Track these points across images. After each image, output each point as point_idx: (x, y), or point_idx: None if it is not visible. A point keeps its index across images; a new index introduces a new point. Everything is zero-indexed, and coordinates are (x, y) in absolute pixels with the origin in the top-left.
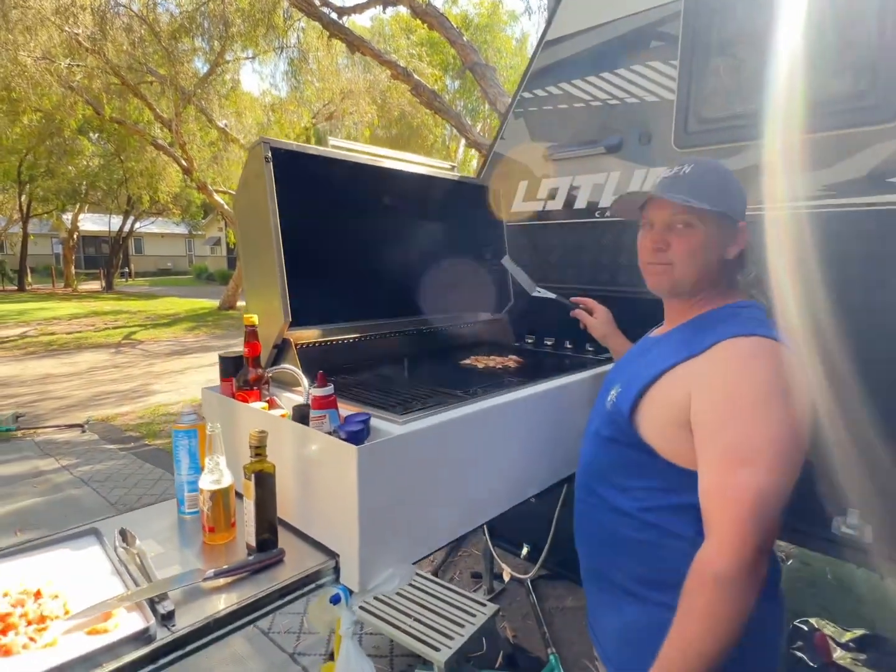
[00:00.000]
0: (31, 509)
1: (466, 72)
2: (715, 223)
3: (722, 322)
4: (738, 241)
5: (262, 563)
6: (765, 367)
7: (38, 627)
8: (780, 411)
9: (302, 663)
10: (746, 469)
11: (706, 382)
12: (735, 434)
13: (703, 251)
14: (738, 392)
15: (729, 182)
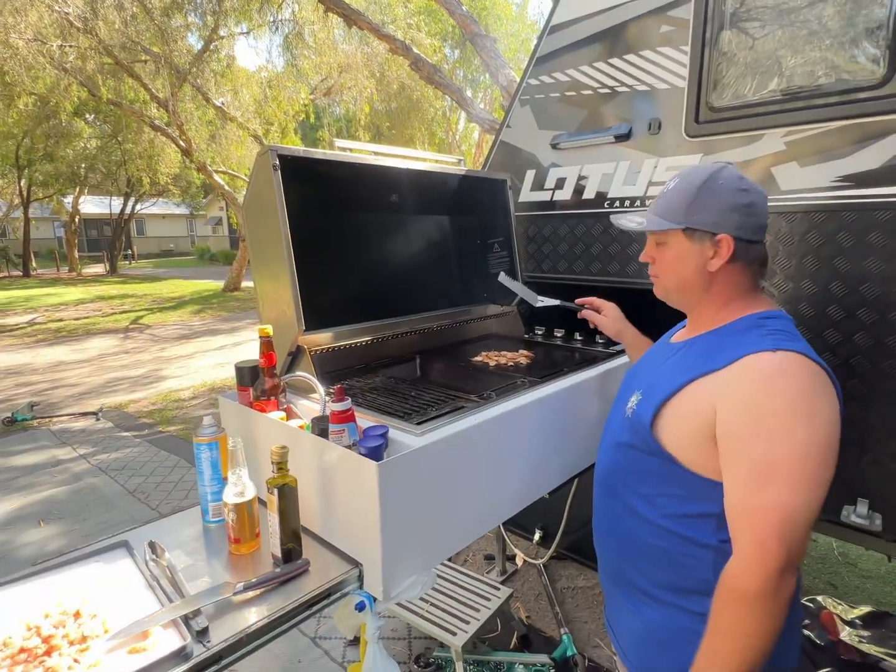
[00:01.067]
0: (53, 499)
1: (466, 42)
2: (682, 238)
3: (744, 334)
4: (719, 253)
5: (290, 575)
6: (791, 383)
7: (81, 648)
8: (806, 428)
9: (323, 647)
10: (772, 487)
11: (732, 397)
12: (761, 451)
13: (676, 266)
14: (764, 409)
15: (705, 193)
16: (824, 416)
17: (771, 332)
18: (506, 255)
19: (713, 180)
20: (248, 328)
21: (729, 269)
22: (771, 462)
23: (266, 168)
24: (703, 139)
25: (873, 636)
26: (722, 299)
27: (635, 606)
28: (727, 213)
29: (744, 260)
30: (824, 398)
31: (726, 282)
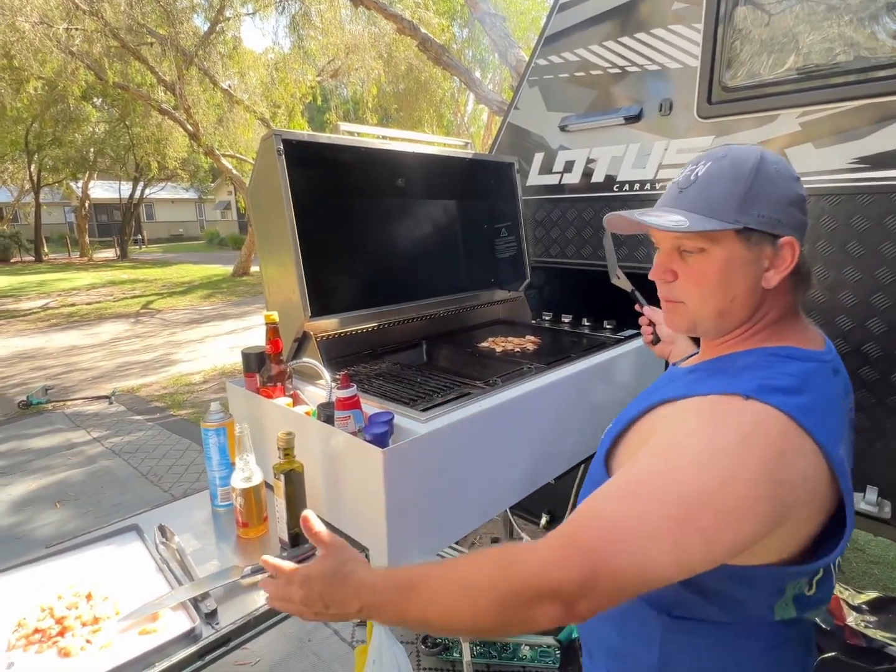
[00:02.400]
0: (68, 481)
1: (475, 21)
2: (737, 243)
3: (733, 373)
4: (781, 263)
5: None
6: (736, 434)
7: (93, 629)
8: (717, 487)
9: (333, 627)
10: (625, 506)
11: (668, 423)
12: (645, 474)
13: (720, 282)
14: (683, 446)
15: (761, 181)
16: (753, 490)
17: (768, 377)
18: (513, 240)
19: (764, 163)
20: (258, 313)
21: (783, 285)
22: (647, 489)
23: (270, 153)
24: (716, 120)
25: (880, 621)
26: (760, 325)
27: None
28: (787, 207)
29: (799, 273)
30: (775, 476)
31: (775, 303)
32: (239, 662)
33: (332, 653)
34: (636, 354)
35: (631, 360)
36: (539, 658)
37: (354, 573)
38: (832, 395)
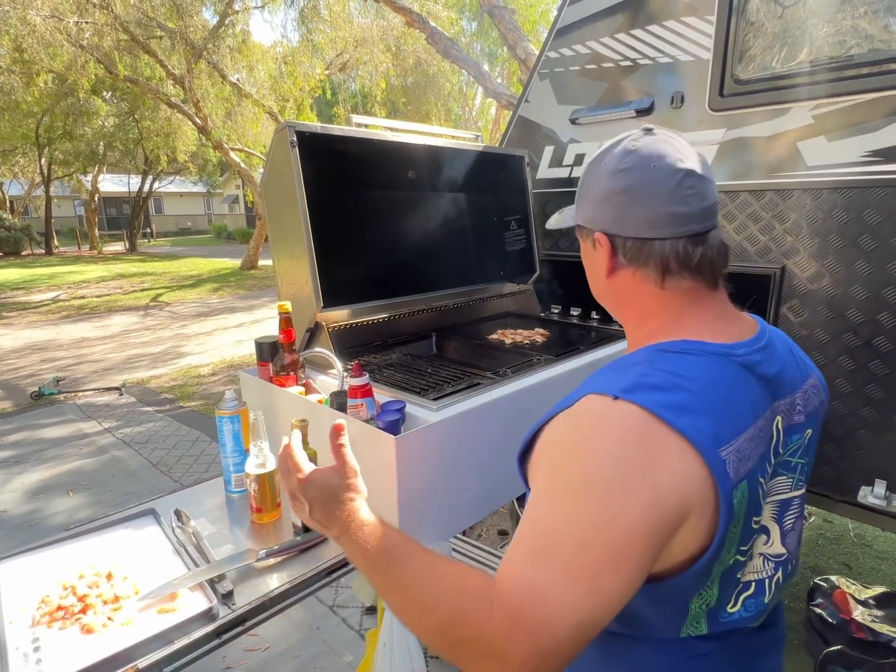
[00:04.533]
0: (81, 470)
1: (484, 13)
2: (581, 238)
3: (627, 369)
4: (602, 257)
5: (310, 543)
6: (604, 444)
7: (114, 607)
8: (603, 513)
9: (341, 615)
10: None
11: (551, 442)
12: (541, 518)
13: (587, 271)
14: (561, 470)
15: (589, 177)
16: (636, 503)
17: (646, 373)
18: (523, 233)
19: (599, 160)
20: (266, 306)
21: (626, 276)
22: (549, 539)
23: (284, 144)
24: (728, 113)
25: (886, 616)
26: (635, 315)
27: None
28: (601, 202)
29: (636, 263)
30: (650, 480)
31: (629, 292)
32: (249, 648)
33: (340, 640)
34: None
35: None
36: None
37: (350, 504)
38: (725, 392)
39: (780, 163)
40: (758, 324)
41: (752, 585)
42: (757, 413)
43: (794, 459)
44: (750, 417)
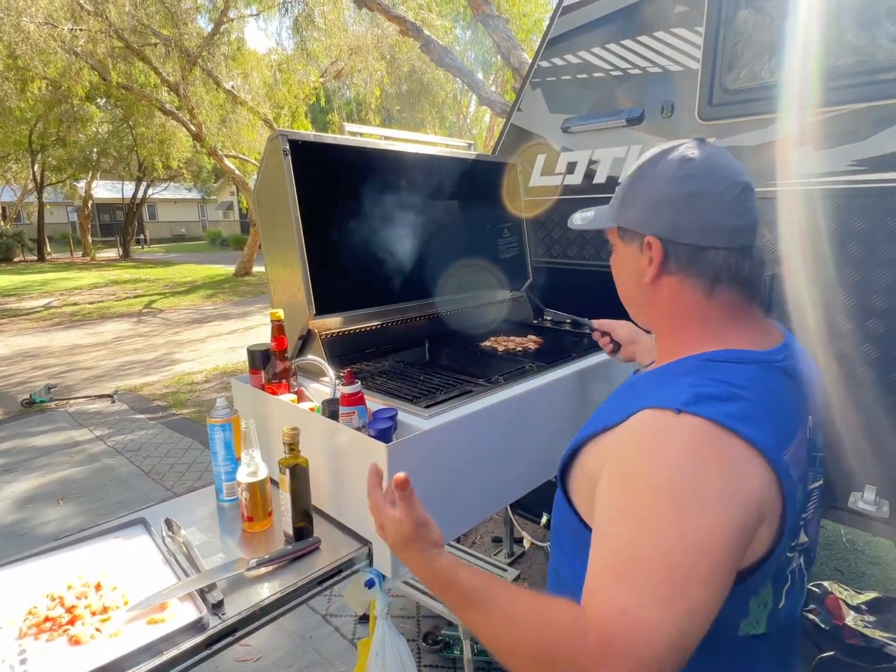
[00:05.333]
0: (71, 479)
1: (478, 22)
2: (619, 241)
3: (676, 380)
4: (648, 261)
5: (301, 552)
6: (679, 461)
7: (102, 618)
8: (692, 528)
9: (334, 624)
10: (633, 594)
11: (614, 461)
12: (623, 542)
13: (617, 274)
14: (637, 490)
15: (638, 182)
16: (721, 512)
17: (700, 384)
18: (515, 240)
19: (652, 164)
20: (260, 313)
21: (672, 283)
22: (635, 562)
23: (276, 153)
24: (717, 122)
25: (879, 621)
26: (671, 323)
27: None
28: (656, 207)
29: (687, 270)
30: (729, 487)
31: (672, 299)
32: (241, 659)
33: (333, 649)
34: None
35: None
36: None
37: (421, 554)
38: (776, 397)
39: (769, 171)
40: (781, 329)
41: (789, 578)
42: (801, 415)
43: (816, 453)
44: (796, 420)
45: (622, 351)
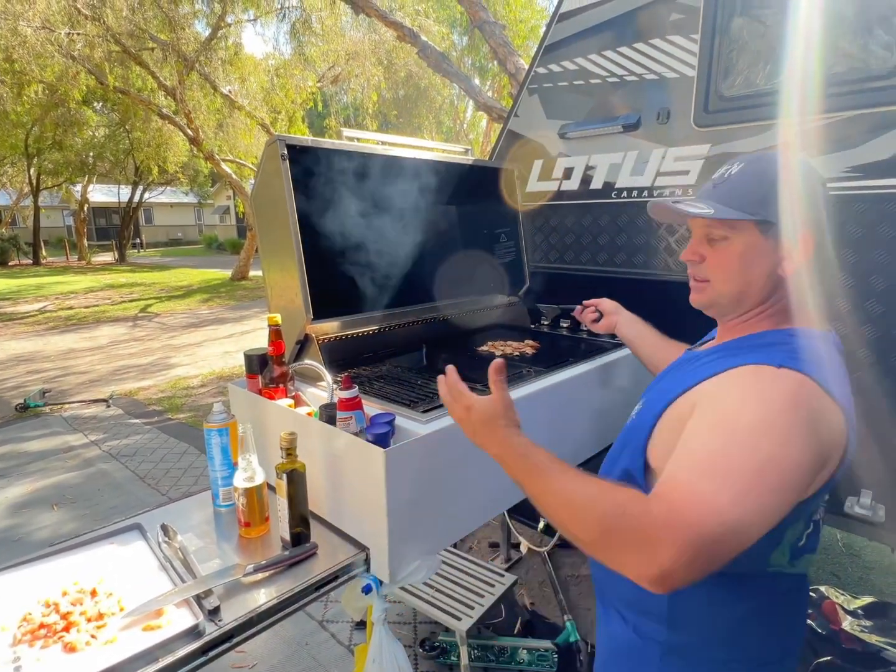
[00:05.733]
0: (66, 483)
1: (475, 29)
2: (755, 233)
3: (762, 348)
4: (799, 253)
5: (298, 558)
6: (779, 401)
7: (98, 625)
8: (775, 450)
9: (330, 630)
10: (712, 483)
11: (711, 397)
12: (715, 448)
13: (741, 266)
14: (737, 415)
15: (780, 185)
16: (800, 450)
17: (789, 350)
18: (512, 246)
19: (787, 165)
20: (256, 317)
21: (799, 276)
22: (718, 458)
23: (274, 158)
24: (713, 129)
25: (875, 626)
26: (774, 308)
27: (607, 619)
28: (807, 203)
29: (816, 264)
30: (810, 433)
31: (791, 290)
32: (236, 665)
33: (329, 655)
34: (633, 359)
35: (628, 364)
36: (537, 662)
37: (505, 429)
38: (839, 367)
39: None
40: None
41: (812, 525)
42: (849, 385)
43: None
44: (849, 388)
45: (604, 320)
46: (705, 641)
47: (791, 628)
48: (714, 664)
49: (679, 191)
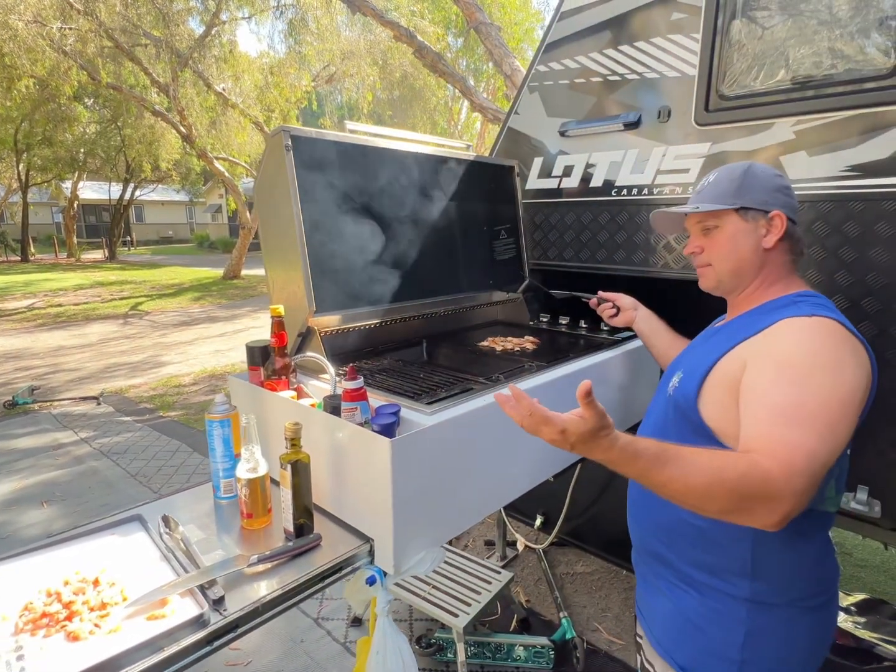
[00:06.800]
0: (55, 481)
1: (470, 30)
2: (737, 219)
3: (782, 309)
4: (773, 229)
5: (302, 549)
6: (820, 339)
7: (101, 614)
8: (832, 379)
9: (326, 627)
10: (796, 429)
11: (760, 352)
12: (787, 397)
13: (732, 246)
14: (791, 360)
15: (749, 177)
16: (851, 374)
17: (809, 304)
18: (512, 243)
19: (752, 167)
20: (248, 316)
21: (779, 247)
22: (795, 406)
23: (279, 148)
24: (713, 127)
25: (868, 622)
26: (770, 279)
27: (669, 589)
28: (773, 192)
29: (790, 238)
30: (854, 360)
31: (776, 260)
32: (231, 663)
33: (325, 653)
34: (633, 355)
35: (628, 360)
36: (533, 658)
37: (605, 439)
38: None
39: None
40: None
41: (838, 468)
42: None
43: None
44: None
45: (621, 315)
46: (786, 585)
47: (835, 563)
48: (793, 608)
49: (679, 189)
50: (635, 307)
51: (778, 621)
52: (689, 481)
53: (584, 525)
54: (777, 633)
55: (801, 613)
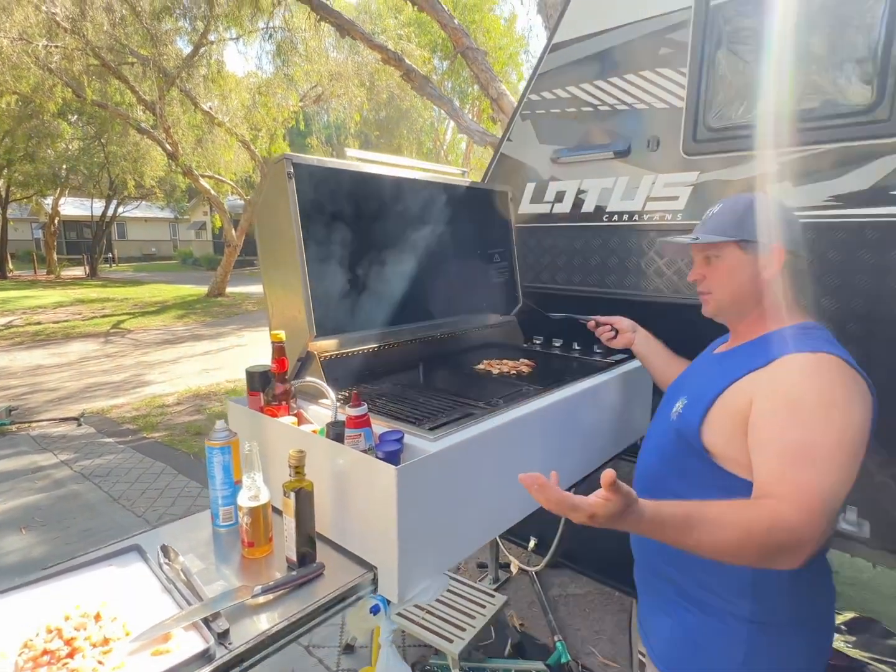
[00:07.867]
0: (35, 506)
1: (457, 54)
2: (737, 250)
3: (787, 340)
4: (773, 262)
5: (305, 578)
6: (827, 378)
7: (104, 650)
8: (842, 419)
9: (317, 655)
10: (810, 469)
11: (768, 389)
12: (797, 437)
13: (731, 277)
14: (800, 399)
15: (751, 211)
16: (858, 411)
17: (812, 338)
18: (506, 266)
19: (756, 200)
20: (233, 334)
21: (779, 279)
22: (807, 446)
23: (280, 176)
24: (701, 157)
25: (859, 641)
26: (772, 309)
27: (672, 607)
28: (775, 226)
29: (791, 270)
30: (858, 398)
31: (777, 291)
32: None
33: None
34: (627, 377)
35: (623, 382)
36: None
37: (632, 516)
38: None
39: None
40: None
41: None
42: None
43: None
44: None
45: (620, 338)
46: (785, 606)
47: (831, 585)
48: (791, 629)
49: (669, 215)
50: (634, 329)
51: (777, 641)
52: (717, 544)
53: (578, 547)
54: (775, 652)
55: (798, 634)
